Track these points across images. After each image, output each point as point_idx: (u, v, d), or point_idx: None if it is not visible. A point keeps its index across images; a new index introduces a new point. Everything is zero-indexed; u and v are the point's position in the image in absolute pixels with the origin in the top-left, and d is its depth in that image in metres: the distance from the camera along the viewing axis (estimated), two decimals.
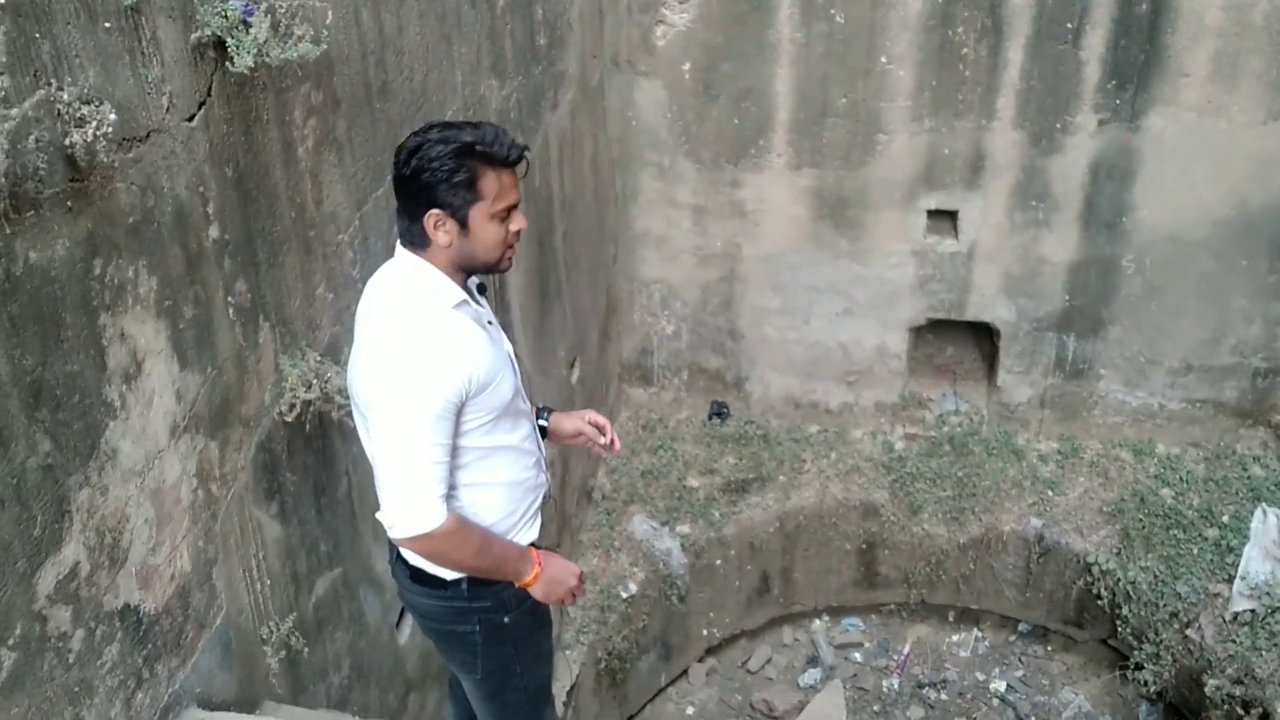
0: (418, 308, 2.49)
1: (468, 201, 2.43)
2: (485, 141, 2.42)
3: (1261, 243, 5.55)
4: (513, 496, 2.75)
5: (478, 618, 2.73)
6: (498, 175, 2.44)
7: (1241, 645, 5.01)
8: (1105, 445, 6.22)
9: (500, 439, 2.65)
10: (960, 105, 5.47)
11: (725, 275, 6.17)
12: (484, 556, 2.62)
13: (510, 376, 2.64)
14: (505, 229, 2.50)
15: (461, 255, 2.50)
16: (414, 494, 2.48)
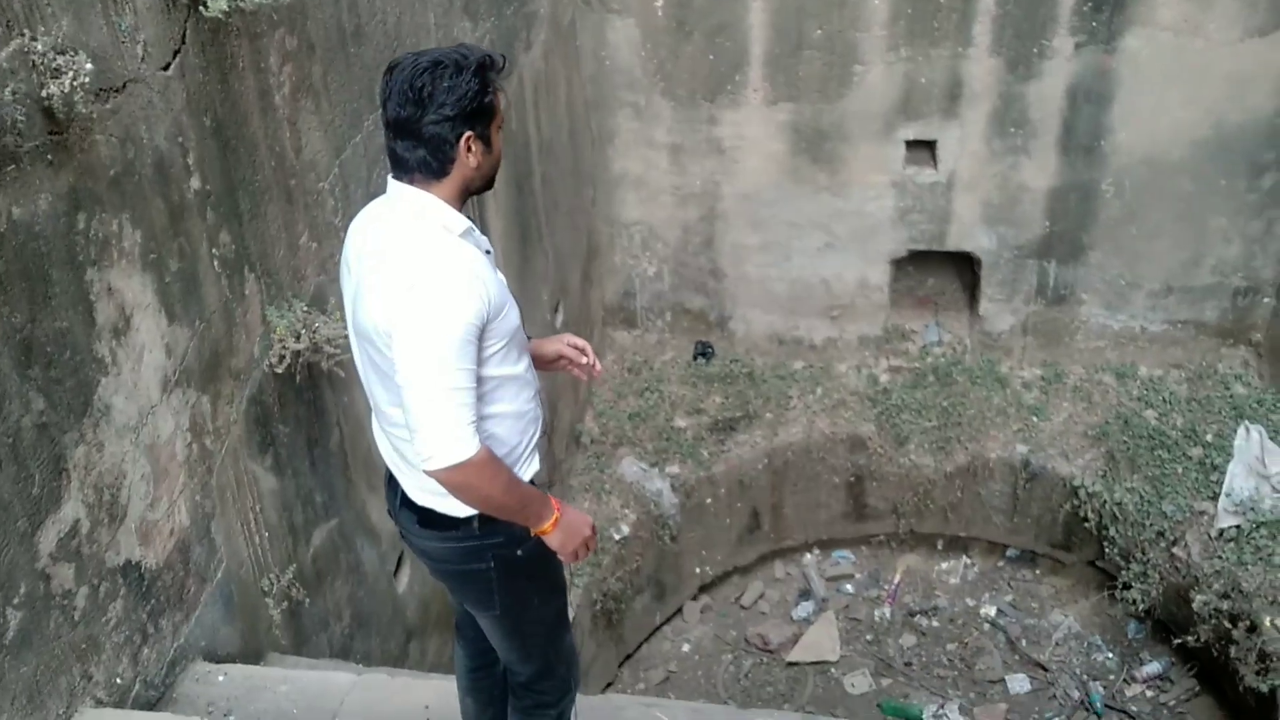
0: (434, 240, 2.48)
1: (490, 119, 2.45)
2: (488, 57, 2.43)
3: (1239, 162, 5.56)
4: (518, 427, 2.73)
5: (491, 554, 2.71)
6: (504, 92, 2.47)
7: (1227, 561, 5.09)
8: (1088, 370, 6.26)
9: (509, 369, 2.64)
10: (936, 33, 5.42)
11: (705, 214, 6.14)
12: (511, 493, 2.60)
13: (514, 304, 2.61)
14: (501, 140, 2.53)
15: (480, 175, 2.51)
16: (450, 423, 2.45)
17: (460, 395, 2.45)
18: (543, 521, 2.64)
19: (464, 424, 2.45)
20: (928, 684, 5.85)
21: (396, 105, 2.36)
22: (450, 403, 2.45)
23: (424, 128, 2.39)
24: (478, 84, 2.38)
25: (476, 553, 2.69)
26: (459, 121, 2.40)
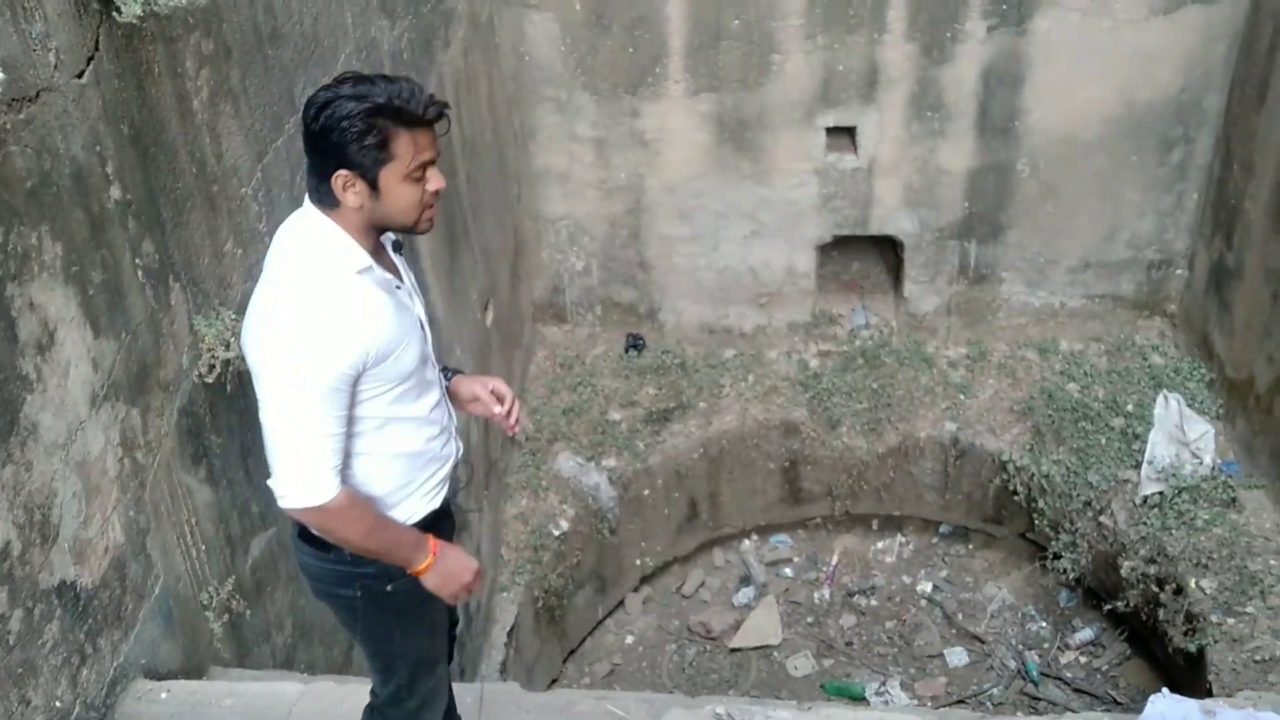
0: (316, 273, 2.37)
1: (379, 162, 2.30)
2: (400, 99, 2.30)
3: (1150, 138, 5.71)
4: (410, 467, 2.62)
5: (359, 583, 2.62)
6: (412, 135, 2.30)
7: (1152, 526, 5.23)
8: (1011, 346, 6.39)
9: (401, 410, 2.54)
10: (852, 20, 5.49)
11: (631, 207, 6.16)
12: (374, 538, 2.50)
13: (416, 345, 2.52)
14: (421, 189, 2.37)
15: (374, 217, 2.38)
16: (305, 467, 2.37)
17: (320, 441, 2.37)
18: (415, 565, 2.55)
19: (322, 469, 2.38)
20: (869, 662, 5.94)
21: (304, 122, 2.29)
22: (309, 448, 2.36)
23: (311, 156, 2.32)
24: (360, 126, 2.26)
25: (346, 579, 2.61)
26: (331, 159, 2.29)
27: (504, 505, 5.69)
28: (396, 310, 2.46)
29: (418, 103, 2.32)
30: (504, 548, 5.53)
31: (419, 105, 2.31)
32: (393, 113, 2.28)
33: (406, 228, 2.44)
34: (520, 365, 6.23)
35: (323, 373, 2.31)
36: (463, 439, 4.51)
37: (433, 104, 2.35)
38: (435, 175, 2.39)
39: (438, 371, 2.72)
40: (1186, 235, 6.02)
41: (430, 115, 2.33)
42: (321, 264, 2.38)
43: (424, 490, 2.69)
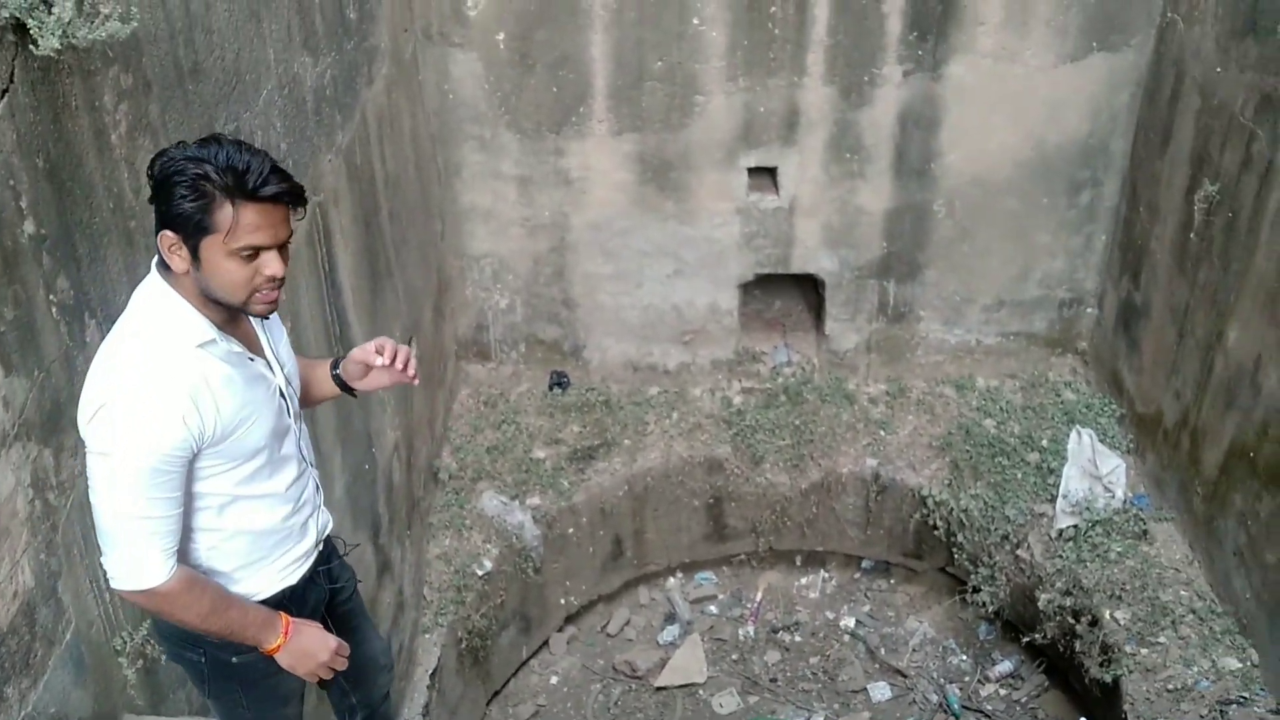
0: (148, 345, 2.20)
1: (200, 230, 2.12)
2: (230, 169, 2.10)
3: (1060, 181, 5.88)
4: (261, 544, 2.50)
5: (203, 650, 2.52)
6: (238, 210, 2.11)
7: (1068, 559, 5.34)
8: (930, 383, 6.51)
9: (249, 488, 2.41)
10: (772, 63, 5.59)
11: (555, 245, 6.17)
12: (214, 620, 2.37)
13: (267, 420, 2.37)
14: (250, 271, 2.18)
15: (201, 288, 2.20)
16: (135, 550, 2.23)
17: (148, 524, 2.22)
18: (265, 644, 2.46)
19: (152, 551, 2.25)
20: (793, 698, 5.96)
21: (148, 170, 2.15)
22: (136, 531, 2.22)
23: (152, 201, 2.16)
24: (185, 189, 2.10)
25: (189, 642, 2.50)
26: (159, 216, 2.14)
27: (427, 545, 5.62)
28: (245, 385, 2.32)
29: (252, 176, 2.11)
30: (426, 588, 5.46)
31: (254, 178, 2.11)
32: (223, 181, 2.10)
33: (234, 306, 2.25)
34: (444, 403, 6.18)
35: (142, 456, 2.15)
36: (385, 478, 4.46)
37: (272, 182, 2.14)
38: (273, 261, 2.20)
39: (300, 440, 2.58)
40: (1096, 275, 6.20)
41: (265, 193, 2.13)
42: (155, 335, 2.21)
43: (277, 567, 2.57)
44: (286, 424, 2.49)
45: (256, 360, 2.39)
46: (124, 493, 2.17)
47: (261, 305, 2.25)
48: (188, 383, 2.19)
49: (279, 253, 2.20)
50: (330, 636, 2.56)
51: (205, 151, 2.10)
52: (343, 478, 4.25)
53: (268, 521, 2.50)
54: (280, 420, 2.44)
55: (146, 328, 2.22)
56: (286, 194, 2.16)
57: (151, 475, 2.17)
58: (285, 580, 2.58)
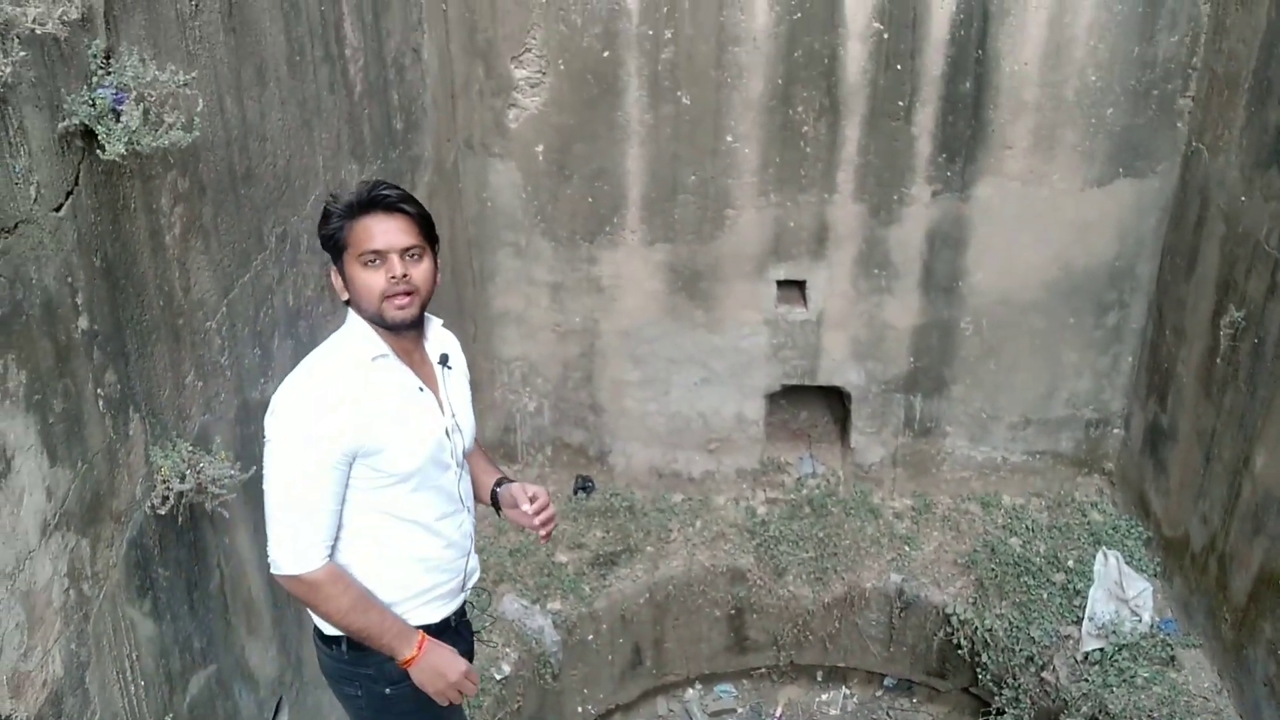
0: (329, 354, 2.57)
1: (339, 250, 2.54)
2: (348, 191, 2.54)
3: (1086, 301, 5.93)
4: (413, 572, 2.72)
5: (359, 684, 2.74)
6: (360, 222, 2.51)
7: (1094, 683, 5.25)
8: (955, 499, 6.48)
9: (399, 509, 2.64)
10: (803, 180, 5.72)
11: (585, 350, 6.25)
12: (355, 618, 2.60)
13: (424, 449, 2.62)
14: (380, 277, 2.52)
15: (358, 309, 2.58)
16: (291, 535, 2.52)
17: (307, 512, 2.52)
18: (400, 655, 2.65)
19: (306, 540, 2.52)
20: None
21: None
22: (295, 516, 2.52)
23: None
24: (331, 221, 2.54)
25: (348, 677, 2.73)
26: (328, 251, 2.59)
27: None
28: (406, 408, 2.60)
29: (366, 191, 2.52)
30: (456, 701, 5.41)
31: (365, 193, 2.52)
32: (348, 203, 2.52)
33: (377, 320, 2.57)
34: None
35: (306, 446, 2.46)
36: None
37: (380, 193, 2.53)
38: (392, 261, 2.52)
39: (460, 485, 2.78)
40: (1122, 396, 6.21)
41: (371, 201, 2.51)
42: (336, 347, 2.60)
43: (421, 600, 2.77)
44: (447, 463, 2.73)
45: (425, 392, 2.67)
46: (288, 483, 2.50)
47: (395, 311, 2.55)
48: (353, 388, 2.53)
49: (401, 257, 2.52)
50: (462, 660, 2.76)
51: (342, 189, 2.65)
52: None
53: (422, 550, 2.72)
54: (439, 456, 2.69)
55: (331, 343, 2.62)
56: (394, 200, 2.54)
57: (316, 466, 2.48)
58: (426, 616, 2.78)
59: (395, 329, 2.62)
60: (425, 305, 2.69)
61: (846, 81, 5.47)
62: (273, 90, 3.27)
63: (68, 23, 2.15)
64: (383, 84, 4.37)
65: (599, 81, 5.53)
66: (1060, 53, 5.34)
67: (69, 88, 2.22)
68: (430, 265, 2.65)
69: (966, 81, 5.42)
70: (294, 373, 2.59)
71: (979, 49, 5.35)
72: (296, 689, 3.56)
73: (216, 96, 2.89)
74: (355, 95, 4.05)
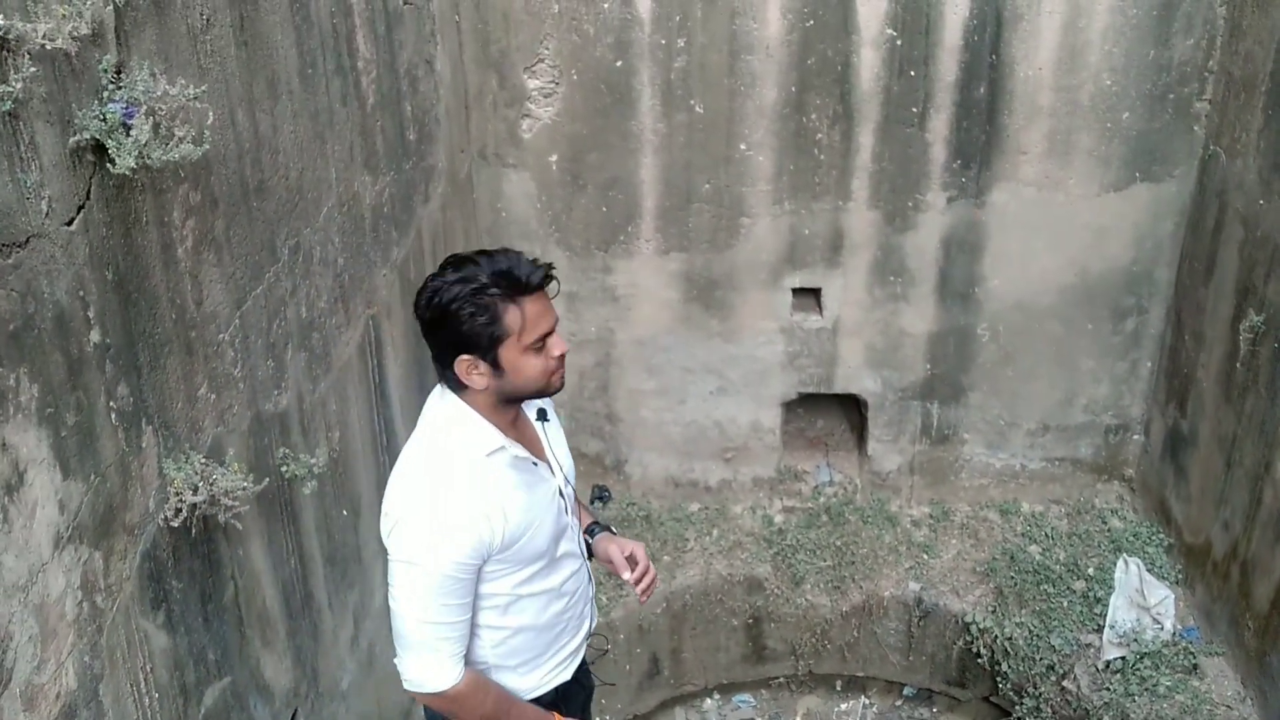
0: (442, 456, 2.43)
1: (495, 341, 2.33)
2: (501, 273, 2.31)
3: (1103, 307, 5.89)
4: (540, 640, 2.69)
5: None
6: (520, 307, 2.33)
7: (1115, 692, 5.21)
8: (973, 507, 6.45)
9: (530, 587, 2.59)
10: (818, 188, 5.70)
11: (600, 360, 6.25)
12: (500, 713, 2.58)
13: (551, 522, 2.56)
14: (544, 359, 2.41)
15: (502, 393, 2.43)
16: (427, 655, 2.45)
17: (442, 629, 2.44)
18: None
19: (443, 655, 2.45)
20: None
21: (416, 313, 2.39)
22: (429, 636, 2.43)
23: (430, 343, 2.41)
24: (470, 308, 2.30)
25: None
26: (449, 345, 2.36)
27: None
28: (529, 490, 2.49)
29: (520, 272, 2.32)
30: None
31: (521, 274, 2.32)
32: (498, 287, 2.31)
33: (538, 393, 2.49)
34: None
35: (439, 564, 2.37)
36: None
37: (534, 270, 2.34)
38: (557, 342, 2.43)
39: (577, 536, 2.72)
40: (1142, 401, 6.16)
41: (534, 281, 2.34)
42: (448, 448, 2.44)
43: (552, 663, 2.75)
44: (565, 523, 2.65)
45: (539, 465, 2.56)
46: (421, 599, 2.39)
47: (558, 380, 2.49)
48: (479, 494, 2.40)
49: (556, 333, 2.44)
50: None
51: (471, 270, 2.32)
52: (383, 587, 4.26)
53: (546, 617, 2.67)
54: (559, 520, 2.61)
55: (440, 440, 2.45)
56: (550, 276, 2.40)
57: (447, 583, 2.39)
58: (559, 677, 2.77)
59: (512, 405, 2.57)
60: None
61: (860, 88, 5.46)
62: (285, 103, 3.28)
63: (78, 38, 2.16)
64: (395, 95, 4.38)
65: (612, 91, 5.53)
66: (1075, 57, 5.32)
67: (80, 102, 2.23)
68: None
69: (980, 87, 5.40)
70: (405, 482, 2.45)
71: (993, 54, 5.33)
72: (311, 700, 3.56)
73: (228, 110, 2.90)
74: (368, 107, 4.06)
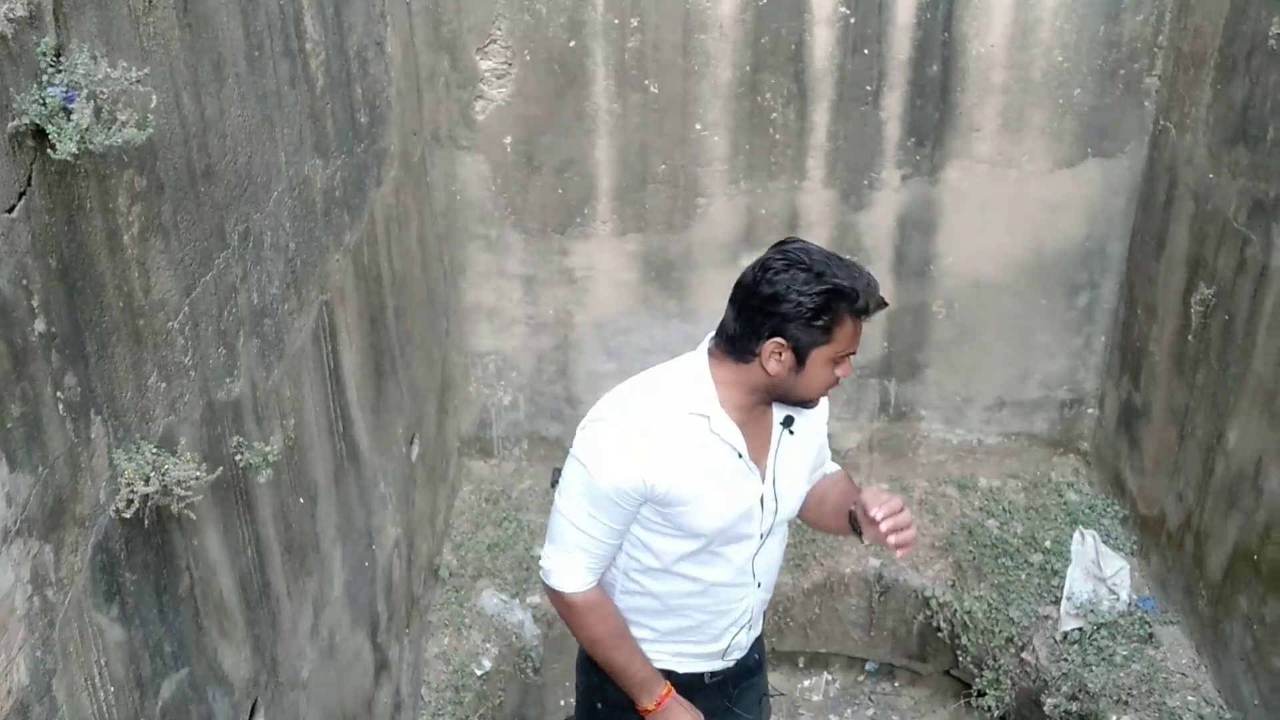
0: (658, 396, 2.54)
1: (816, 343, 2.41)
2: (857, 292, 2.38)
3: (1057, 283, 5.95)
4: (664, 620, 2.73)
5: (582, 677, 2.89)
6: (855, 325, 2.42)
7: (1073, 663, 5.28)
8: (932, 482, 6.50)
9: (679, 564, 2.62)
10: (773, 167, 5.70)
11: (559, 343, 6.23)
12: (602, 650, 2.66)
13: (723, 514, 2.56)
14: (834, 374, 2.48)
15: (782, 387, 2.48)
16: (562, 551, 2.59)
17: (582, 536, 2.54)
18: (639, 702, 2.69)
19: (575, 561, 2.57)
20: None
21: (750, 280, 2.46)
22: (571, 535, 2.56)
23: (745, 312, 2.45)
24: (815, 306, 2.36)
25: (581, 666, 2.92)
26: (767, 324, 2.40)
27: (425, 643, 5.57)
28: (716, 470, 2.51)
29: (871, 298, 2.39)
30: (425, 688, 5.40)
31: (871, 301, 2.39)
32: (848, 301, 2.37)
33: (805, 403, 2.53)
34: (445, 500, 6.18)
35: (601, 479, 2.49)
36: (385, 575, 4.45)
37: (880, 302, 2.42)
38: (847, 363, 2.49)
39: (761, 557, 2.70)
40: (1096, 376, 6.23)
41: (874, 310, 2.41)
42: (673, 396, 2.55)
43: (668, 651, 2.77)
44: (748, 534, 2.63)
45: (744, 459, 2.56)
46: (577, 501, 2.53)
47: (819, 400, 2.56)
48: (666, 440, 2.48)
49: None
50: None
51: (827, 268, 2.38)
52: (342, 574, 4.24)
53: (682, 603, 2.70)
54: (742, 526, 2.60)
55: (669, 383, 2.59)
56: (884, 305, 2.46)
57: (602, 499, 2.51)
58: (665, 664, 2.79)
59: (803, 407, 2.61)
60: None
61: (814, 67, 5.46)
62: (231, 86, 3.23)
63: (14, 20, 2.11)
64: (345, 78, 4.33)
65: (566, 71, 5.50)
66: (1027, 34, 5.35)
67: (18, 86, 2.17)
68: None
69: (934, 65, 5.42)
70: (621, 399, 2.57)
71: (945, 31, 5.35)
72: (271, 690, 3.53)
73: (173, 93, 2.85)
74: (317, 90, 4.00)
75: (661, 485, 2.47)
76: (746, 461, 2.60)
